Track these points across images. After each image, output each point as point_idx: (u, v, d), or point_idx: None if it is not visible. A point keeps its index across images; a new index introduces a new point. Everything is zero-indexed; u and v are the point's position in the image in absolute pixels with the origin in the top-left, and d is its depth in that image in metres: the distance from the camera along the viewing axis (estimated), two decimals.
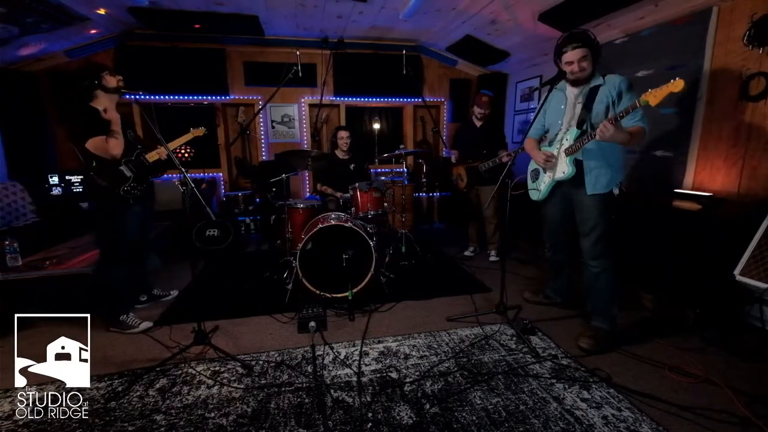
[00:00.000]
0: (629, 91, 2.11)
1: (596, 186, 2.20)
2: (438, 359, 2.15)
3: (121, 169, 2.42)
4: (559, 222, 2.49)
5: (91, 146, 2.28)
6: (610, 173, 2.20)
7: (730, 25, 2.54)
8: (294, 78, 3.72)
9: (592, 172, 2.20)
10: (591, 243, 2.27)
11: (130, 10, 3.70)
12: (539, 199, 2.51)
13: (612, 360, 2.13)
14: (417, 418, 1.69)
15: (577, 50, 2.12)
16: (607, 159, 2.18)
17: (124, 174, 2.43)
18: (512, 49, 4.43)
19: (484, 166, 3.57)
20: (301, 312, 2.51)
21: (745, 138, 2.48)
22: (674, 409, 1.73)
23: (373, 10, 3.84)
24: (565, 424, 1.65)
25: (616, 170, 2.22)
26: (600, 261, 2.27)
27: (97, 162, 2.32)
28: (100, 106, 2.35)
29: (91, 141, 2.27)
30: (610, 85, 2.14)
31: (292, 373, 2.04)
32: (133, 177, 2.46)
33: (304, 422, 1.68)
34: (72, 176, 4.23)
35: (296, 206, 3.20)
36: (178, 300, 2.97)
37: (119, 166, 2.41)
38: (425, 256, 3.85)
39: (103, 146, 2.28)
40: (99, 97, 2.34)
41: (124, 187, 2.41)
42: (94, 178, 2.34)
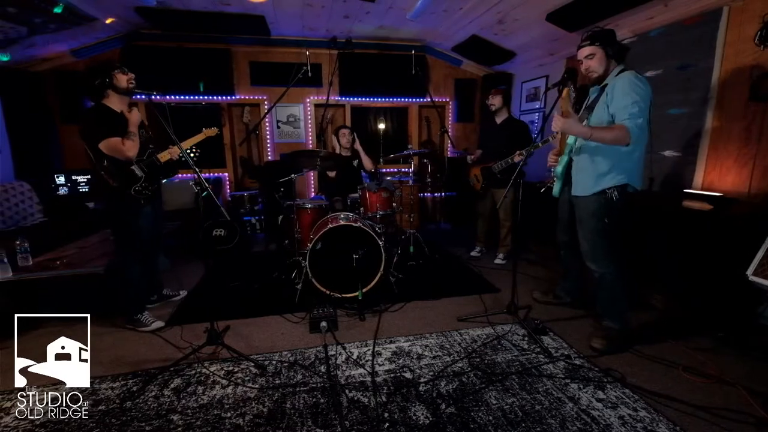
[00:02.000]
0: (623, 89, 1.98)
1: (577, 188, 2.19)
2: (451, 359, 2.15)
3: (133, 169, 2.40)
4: (567, 222, 2.49)
5: (105, 147, 2.25)
6: (595, 175, 2.12)
7: (740, 25, 2.54)
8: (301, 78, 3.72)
9: (578, 174, 2.20)
10: (585, 246, 2.25)
11: (137, 10, 3.70)
12: (555, 195, 2.53)
13: (625, 360, 2.13)
14: (434, 418, 1.69)
15: (584, 48, 2.10)
16: (592, 160, 2.13)
17: (136, 174, 2.41)
18: (519, 49, 4.43)
19: (498, 167, 3.47)
20: (312, 312, 2.51)
21: (756, 138, 2.48)
22: (690, 409, 1.73)
23: (380, 10, 3.84)
24: (582, 424, 1.66)
25: (604, 173, 2.10)
26: (598, 265, 2.21)
27: (108, 161, 2.31)
28: (112, 105, 2.35)
29: (105, 142, 2.25)
30: (613, 85, 2.04)
31: (305, 373, 2.04)
32: (144, 177, 2.44)
33: (321, 422, 1.68)
34: (78, 176, 4.24)
35: (304, 206, 3.20)
36: (187, 300, 2.97)
37: (131, 167, 2.40)
38: (433, 256, 3.85)
39: (119, 147, 2.26)
40: (110, 96, 2.34)
41: (135, 188, 2.40)
42: (105, 178, 2.32)
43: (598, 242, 2.19)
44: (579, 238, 2.30)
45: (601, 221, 2.15)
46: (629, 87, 1.97)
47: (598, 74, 2.13)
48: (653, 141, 2.24)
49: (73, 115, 4.34)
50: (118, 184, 2.35)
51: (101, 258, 2.71)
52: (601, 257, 2.20)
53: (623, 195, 2.11)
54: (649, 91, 2.01)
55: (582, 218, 2.23)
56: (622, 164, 2.08)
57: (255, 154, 4.94)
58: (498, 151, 3.51)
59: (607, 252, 2.19)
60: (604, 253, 2.19)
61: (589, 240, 2.21)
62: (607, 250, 2.18)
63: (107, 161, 2.31)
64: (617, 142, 1.97)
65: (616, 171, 2.09)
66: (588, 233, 2.21)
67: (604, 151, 2.08)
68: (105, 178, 2.32)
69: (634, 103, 1.94)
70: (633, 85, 1.97)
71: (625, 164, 2.08)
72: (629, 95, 1.96)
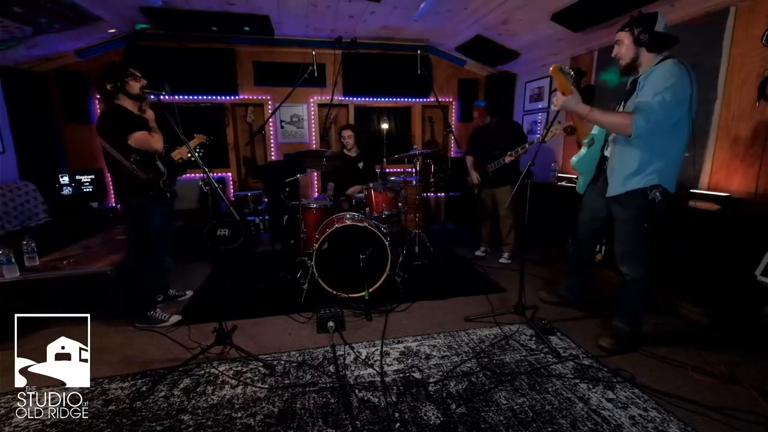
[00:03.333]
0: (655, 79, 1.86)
1: (611, 188, 2.12)
2: (459, 359, 2.15)
3: (158, 164, 2.47)
4: (588, 220, 2.44)
5: (135, 141, 2.31)
6: (624, 174, 2.02)
7: (748, 25, 2.54)
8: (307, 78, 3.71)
9: (614, 172, 2.11)
10: (622, 249, 2.14)
11: (141, 10, 3.70)
12: (579, 192, 2.49)
13: (634, 360, 2.13)
14: (445, 418, 1.69)
15: (618, 33, 2.02)
16: (621, 158, 2.04)
17: (160, 169, 2.48)
18: (523, 49, 4.43)
19: (492, 167, 3.57)
20: (319, 312, 2.50)
21: (764, 139, 2.48)
22: (701, 409, 1.73)
23: (385, 10, 3.84)
24: (593, 424, 1.66)
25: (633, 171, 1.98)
26: (632, 269, 2.11)
27: (140, 156, 2.36)
28: (126, 105, 2.38)
29: (134, 136, 2.30)
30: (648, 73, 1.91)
31: (314, 373, 2.03)
32: (166, 173, 2.51)
33: (332, 422, 1.68)
34: (82, 176, 4.24)
35: (310, 206, 3.20)
36: (193, 300, 2.97)
37: (156, 162, 2.46)
38: (438, 256, 3.85)
39: (148, 140, 2.35)
40: (123, 98, 2.37)
41: (163, 180, 2.48)
42: (136, 172, 2.35)
43: (635, 247, 2.08)
44: (614, 240, 2.17)
45: (641, 225, 2.03)
46: (662, 78, 1.83)
47: (625, 62, 2.03)
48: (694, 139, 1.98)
49: (77, 115, 4.34)
50: (152, 176, 2.42)
51: (107, 258, 2.71)
52: (636, 262, 2.10)
53: (665, 197, 1.98)
54: (688, 82, 1.83)
55: (620, 220, 2.11)
56: (653, 163, 1.93)
57: (258, 154, 4.94)
58: (491, 152, 3.58)
59: (642, 257, 2.08)
60: (639, 259, 2.09)
61: (626, 243, 2.11)
62: (642, 255, 2.08)
63: (138, 155, 2.35)
64: (617, 130, 1.95)
65: (647, 170, 1.94)
66: (625, 236, 2.10)
67: (635, 147, 1.95)
68: (135, 172, 2.35)
69: (656, 94, 1.82)
70: (667, 76, 1.82)
71: (657, 163, 1.93)
72: (656, 86, 1.83)
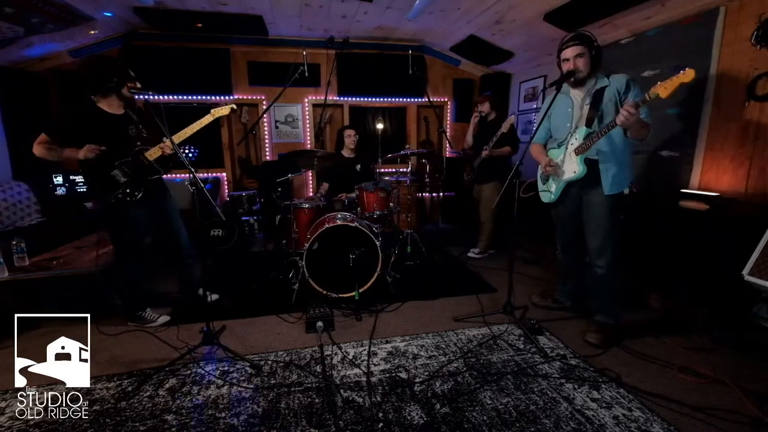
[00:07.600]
0: (636, 85, 2.11)
1: (613, 186, 2.19)
2: (447, 359, 2.15)
3: (114, 174, 2.29)
4: (571, 222, 2.46)
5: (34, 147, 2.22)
6: (624, 173, 2.21)
7: (737, 25, 2.54)
8: (298, 78, 3.72)
9: (609, 172, 2.18)
10: (599, 242, 2.27)
11: (135, 10, 3.70)
12: (551, 201, 2.47)
13: (621, 360, 2.13)
14: (428, 418, 1.69)
15: (574, 47, 2.15)
16: (618, 159, 2.18)
17: (117, 180, 2.30)
18: (516, 50, 4.43)
19: (476, 162, 3.73)
20: (309, 312, 2.50)
21: (753, 138, 2.48)
22: (685, 409, 1.73)
23: (378, 10, 3.84)
24: (576, 423, 1.65)
25: (628, 170, 2.23)
26: (607, 261, 2.26)
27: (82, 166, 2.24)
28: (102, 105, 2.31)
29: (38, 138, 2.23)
30: (616, 84, 2.13)
31: (301, 373, 2.03)
32: (127, 182, 2.32)
33: (315, 422, 1.68)
34: (76, 176, 4.22)
35: (302, 206, 3.20)
36: (183, 300, 2.96)
37: (111, 171, 2.29)
38: (431, 256, 3.85)
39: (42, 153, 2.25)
40: (108, 98, 2.31)
41: (117, 194, 2.29)
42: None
43: (611, 238, 2.25)
44: (587, 236, 2.32)
45: (617, 218, 2.25)
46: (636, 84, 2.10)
47: (584, 74, 2.17)
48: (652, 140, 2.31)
49: None
50: (97, 190, 2.30)
51: (98, 258, 2.71)
52: (611, 252, 2.26)
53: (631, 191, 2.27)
54: None
55: (600, 215, 2.25)
56: (631, 162, 2.27)
57: (253, 154, 4.94)
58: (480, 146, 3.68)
59: (616, 247, 2.26)
60: (614, 249, 2.26)
61: (603, 236, 2.26)
62: (617, 245, 2.26)
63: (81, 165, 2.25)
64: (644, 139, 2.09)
65: (631, 168, 2.27)
66: (602, 230, 2.26)
67: (628, 150, 2.21)
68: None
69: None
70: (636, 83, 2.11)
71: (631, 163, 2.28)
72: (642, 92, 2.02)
